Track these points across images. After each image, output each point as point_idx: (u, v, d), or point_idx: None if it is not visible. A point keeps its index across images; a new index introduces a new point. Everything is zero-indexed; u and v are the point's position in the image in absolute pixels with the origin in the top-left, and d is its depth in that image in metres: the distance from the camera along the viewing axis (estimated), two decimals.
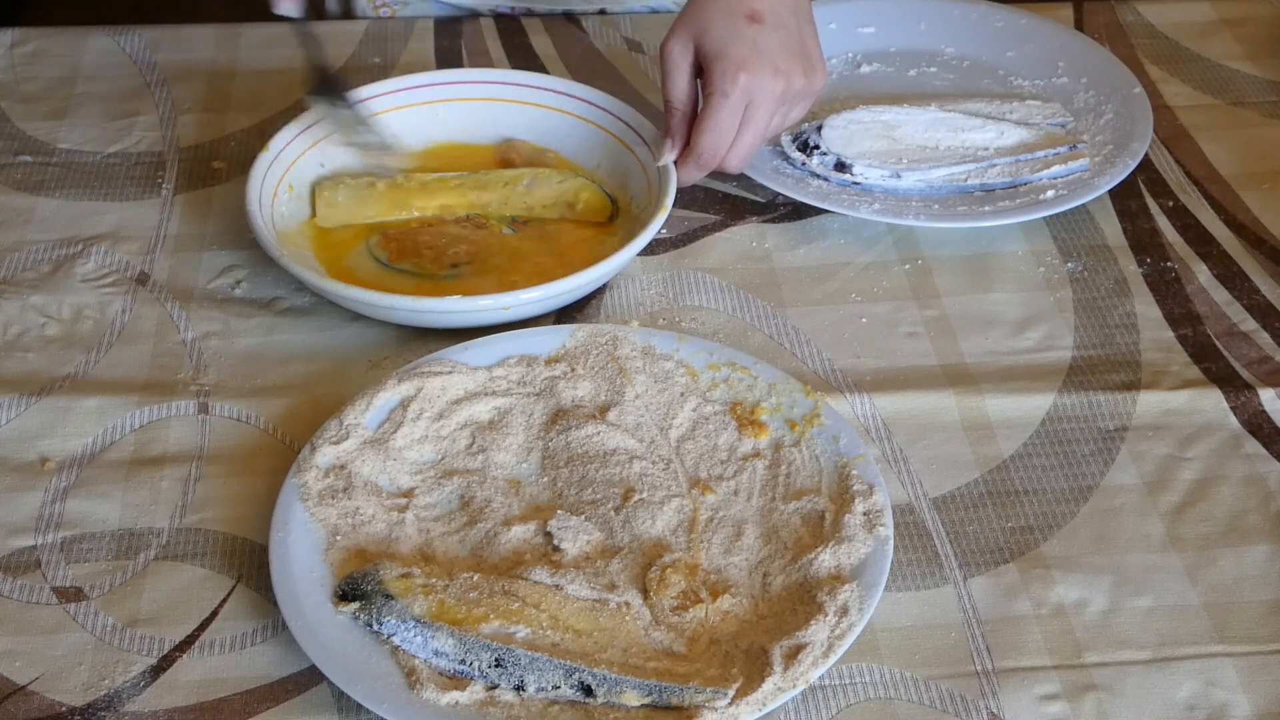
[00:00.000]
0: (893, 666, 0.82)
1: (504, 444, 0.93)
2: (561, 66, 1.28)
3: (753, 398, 0.95)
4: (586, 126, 1.15)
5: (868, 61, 1.29)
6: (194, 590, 0.86)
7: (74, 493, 0.92)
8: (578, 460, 0.91)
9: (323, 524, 0.87)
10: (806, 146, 1.14)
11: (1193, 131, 1.22)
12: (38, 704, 0.80)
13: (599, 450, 0.92)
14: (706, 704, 0.77)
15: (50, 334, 1.02)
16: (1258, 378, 0.99)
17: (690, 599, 0.83)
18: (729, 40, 1.03)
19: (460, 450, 0.93)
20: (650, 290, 1.07)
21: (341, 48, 1.30)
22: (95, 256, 1.08)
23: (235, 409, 0.97)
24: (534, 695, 0.79)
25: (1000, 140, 1.16)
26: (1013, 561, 0.88)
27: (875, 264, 1.09)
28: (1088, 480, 0.93)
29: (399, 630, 0.80)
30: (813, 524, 0.88)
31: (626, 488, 0.89)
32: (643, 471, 0.90)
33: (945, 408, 0.97)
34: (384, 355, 1.01)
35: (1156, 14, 1.37)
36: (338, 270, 1.05)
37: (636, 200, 1.10)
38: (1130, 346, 1.02)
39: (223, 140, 1.20)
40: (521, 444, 0.93)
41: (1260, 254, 1.10)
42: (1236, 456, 0.95)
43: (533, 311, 1.01)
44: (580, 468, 0.91)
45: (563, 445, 0.92)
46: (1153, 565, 0.88)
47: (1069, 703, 0.81)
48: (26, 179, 1.16)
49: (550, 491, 0.90)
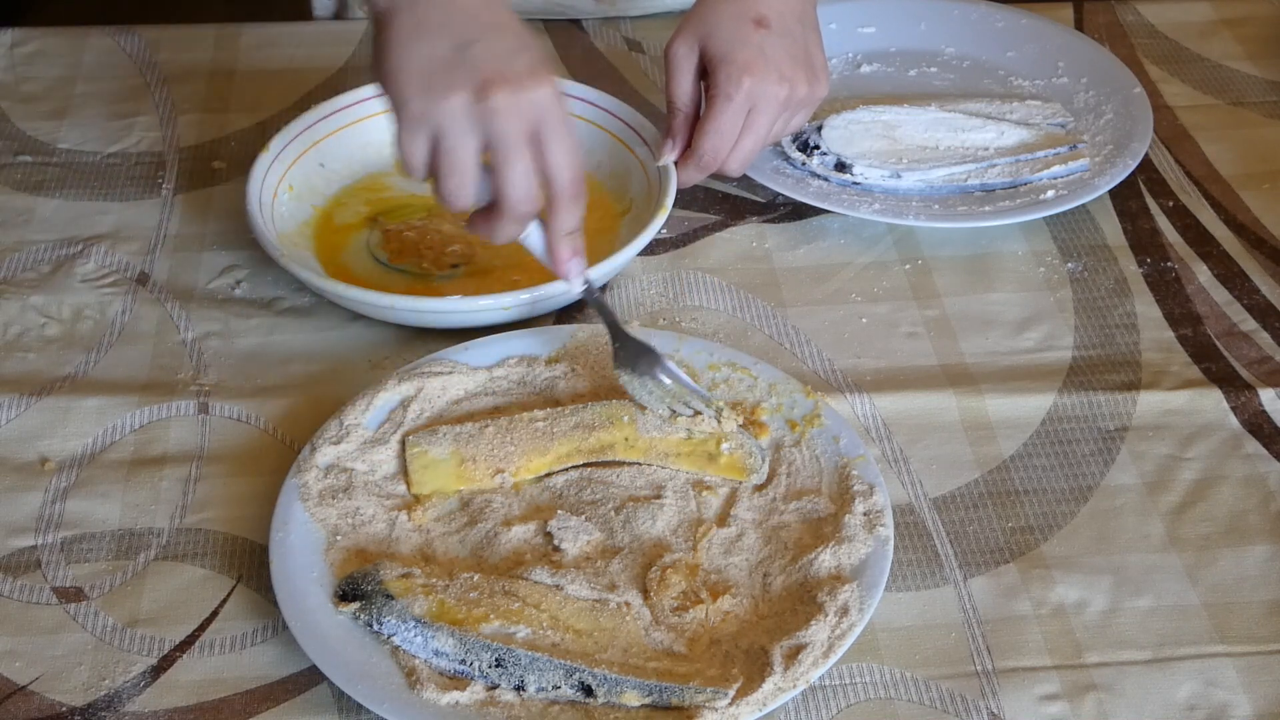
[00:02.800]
0: (893, 666, 0.82)
1: None
2: (561, 66, 1.28)
3: (753, 398, 0.95)
4: (586, 126, 1.15)
5: (868, 61, 1.29)
6: (194, 590, 0.86)
7: (74, 493, 0.92)
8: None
9: (323, 524, 0.87)
10: (807, 146, 1.14)
11: (1193, 131, 1.22)
12: (38, 704, 0.80)
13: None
14: (707, 704, 0.77)
15: (50, 334, 1.02)
16: (1258, 378, 0.99)
17: (690, 599, 0.83)
18: (735, 44, 1.03)
19: None
20: (650, 290, 1.07)
21: (341, 48, 1.30)
22: (95, 256, 1.08)
23: (235, 409, 0.97)
24: (534, 695, 0.79)
25: (1000, 140, 1.16)
26: (1013, 561, 0.88)
27: (875, 264, 1.09)
28: (1088, 480, 0.93)
29: (399, 630, 0.80)
30: (813, 524, 0.88)
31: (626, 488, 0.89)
32: (643, 471, 0.90)
33: (945, 408, 0.97)
34: (384, 355, 1.01)
35: (1156, 14, 1.37)
36: (337, 270, 1.05)
37: (637, 200, 1.10)
38: (1130, 346, 1.02)
39: (223, 140, 1.20)
40: None
41: (1260, 254, 1.10)
42: (1236, 456, 0.95)
43: (533, 311, 1.01)
44: (580, 468, 0.91)
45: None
46: (1153, 565, 0.88)
47: (1069, 703, 0.81)
48: (26, 179, 1.16)
49: (550, 492, 0.90)
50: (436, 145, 0.87)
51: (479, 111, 0.85)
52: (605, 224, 1.10)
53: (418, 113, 0.86)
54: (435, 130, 0.86)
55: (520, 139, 0.86)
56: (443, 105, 0.85)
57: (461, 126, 0.85)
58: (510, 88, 0.85)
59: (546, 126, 0.86)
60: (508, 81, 0.85)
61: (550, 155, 0.87)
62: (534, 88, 0.85)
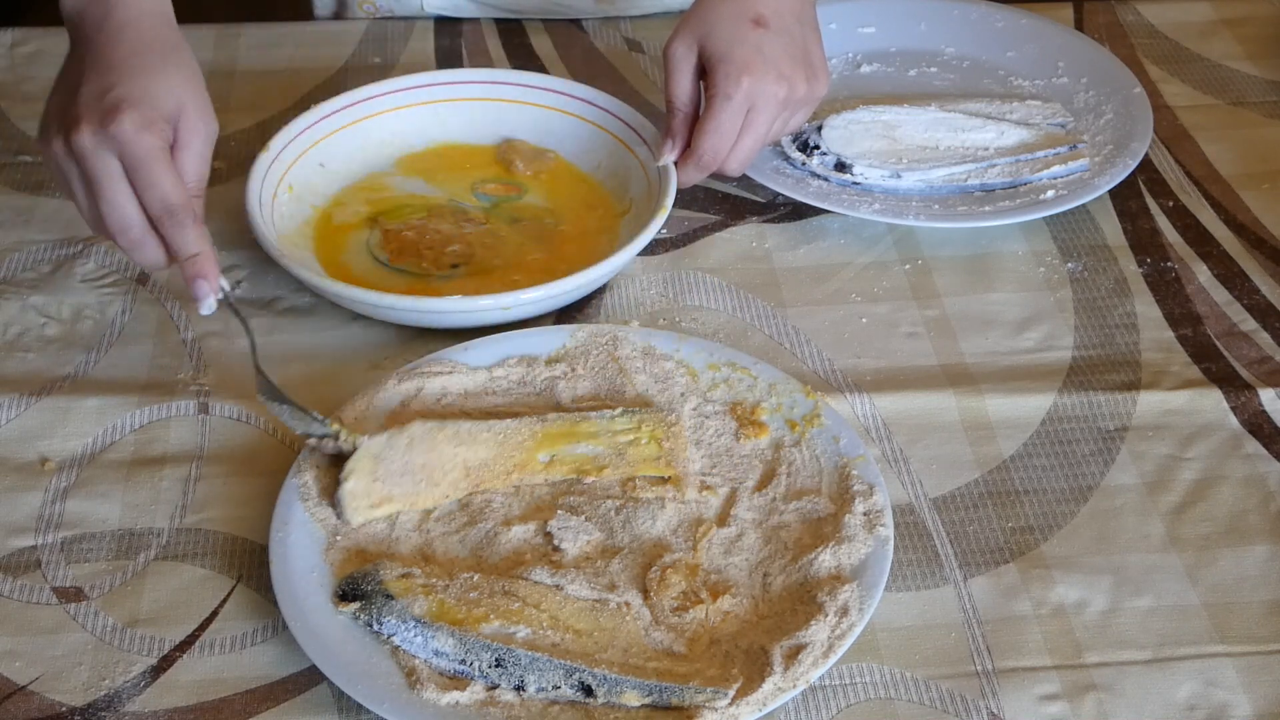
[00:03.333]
0: (893, 666, 0.82)
1: None
2: (561, 66, 1.28)
3: (753, 398, 0.95)
4: (586, 126, 1.15)
5: (868, 61, 1.29)
6: (194, 590, 0.86)
7: (74, 493, 0.92)
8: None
9: (323, 524, 0.87)
10: (807, 146, 1.14)
11: (1193, 131, 1.22)
12: (38, 704, 0.80)
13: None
14: (707, 704, 0.77)
15: (50, 334, 1.02)
16: (1258, 378, 0.99)
17: (690, 599, 0.83)
18: (734, 43, 1.03)
19: None
20: (650, 290, 1.07)
21: (341, 48, 1.30)
22: (95, 256, 1.08)
23: (235, 409, 0.97)
24: (534, 695, 0.79)
25: (1000, 140, 1.16)
26: (1013, 561, 0.88)
27: (875, 264, 1.09)
28: (1088, 480, 0.93)
29: (399, 630, 0.80)
30: (813, 524, 0.88)
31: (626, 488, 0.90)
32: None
33: (945, 408, 0.97)
34: (384, 355, 1.01)
35: (1156, 14, 1.37)
36: (337, 270, 1.05)
37: (637, 200, 1.10)
38: (1130, 346, 1.02)
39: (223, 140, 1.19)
40: None
41: (1260, 254, 1.10)
42: (1236, 456, 0.95)
43: (533, 311, 1.01)
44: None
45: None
46: (1153, 565, 0.88)
47: (1069, 703, 0.81)
48: (26, 179, 1.16)
49: (550, 491, 0.90)
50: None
51: (71, 153, 0.90)
52: (605, 224, 1.10)
53: (44, 158, 0.93)
54: (54, 172, 0.93)
55: (105, 174, 0.89)
56: (48, 150, 0.92)
57: (64, 167, 0.91)
58: (89, 127, 0.88)
59: (129, 160, 0.89)
60: (89, 121, 0.89)
61: (138, 186, 0.89)
62: (112, 124, 0.88)
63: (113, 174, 0.89)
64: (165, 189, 0.89)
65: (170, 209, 0.89)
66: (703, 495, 0.90)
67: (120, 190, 0.89)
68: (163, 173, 0.89)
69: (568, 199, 1.13)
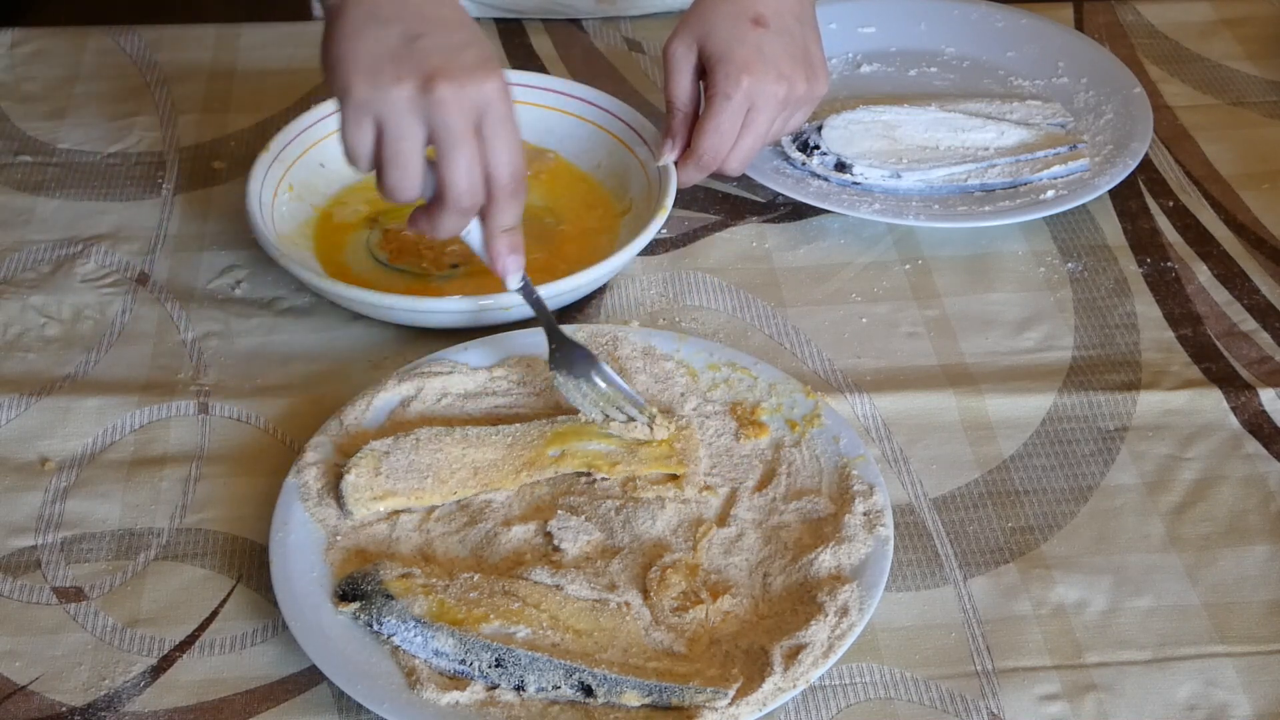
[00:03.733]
0: (893, 666, 0.82)
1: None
2: (561, 66, 1.28)
3: (753, 398, 0.95)
4: (586, 126, 1.15)
5: (868, 61, 1.29)
6: (194, 590, 0.86)
7: (74, 493, 0.92)
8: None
9: (323, 524, 0.87)
10: (807, 146, 1.14)
11: (1193, 131, 1.22)
12: (38, 704, 0.80)
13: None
14: (707, 704, 0.77)
15: (50, 334, 1.02)
16: (1258, 378, 0.99)
17: (690, 599, 0.83)
18: (733, 43, 1.03)
19: None
20: (650, 290, 1.07)
21: None
22: (95, 256, 1.08)
23: (235, 409, 0.97)
24: (534, 695, 0.79)
25: (1000, 140, 1.16)
26: (1013, 561, 0.88)
27: (875, 264, 1.09)
28: (1088, 480, 0.93)
29: (399, 630, 0.80)
30: (813, 524, 0.88)
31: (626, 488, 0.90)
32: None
33: (945, 408, 0.97)
34: (384, 355, 1.01)
35: (1156, 14, 1.37)
36: (337, 270, 1.05)
37: (637, 200, 1.10)
38: (1130, 346, 1.02)
39: (223, 140, 1.20)
40: None
41: (1260, 254, 1.10)
42: (1236, 456, 0.95)
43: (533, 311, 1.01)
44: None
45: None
46: (1153, 565, 0.88)
47: (1069, 703, 0.81)
48: (26, 179, 1.16)
49: (551, 492, 0.90)
50: (381, 136, 0.87)
51: (424, 103, 0.85)
52: (605, 224, 1.10)
53: (362, 102, 0.86)
54: (379, 120, 0.86)
55: (464, 131, 0.86)
56: (388, 95, 0.85)
57: (406, 117, 0.85)
58: (456, 80, 0.85)
59: (490, 120, 0.86)
60: (453, 74, 0.85)
61: (493, 149, 0.87)
62: (480, 81, 0.85)
63: (469, 131, 0.85)
64: (517, 154, 0.87)
65: (519, 176, 0.87)
66: (703, 495, 0.90)
67: (473, 149, 0.86)
68: (517, 138, 0.87)
69: (568, 199, 1.13)
